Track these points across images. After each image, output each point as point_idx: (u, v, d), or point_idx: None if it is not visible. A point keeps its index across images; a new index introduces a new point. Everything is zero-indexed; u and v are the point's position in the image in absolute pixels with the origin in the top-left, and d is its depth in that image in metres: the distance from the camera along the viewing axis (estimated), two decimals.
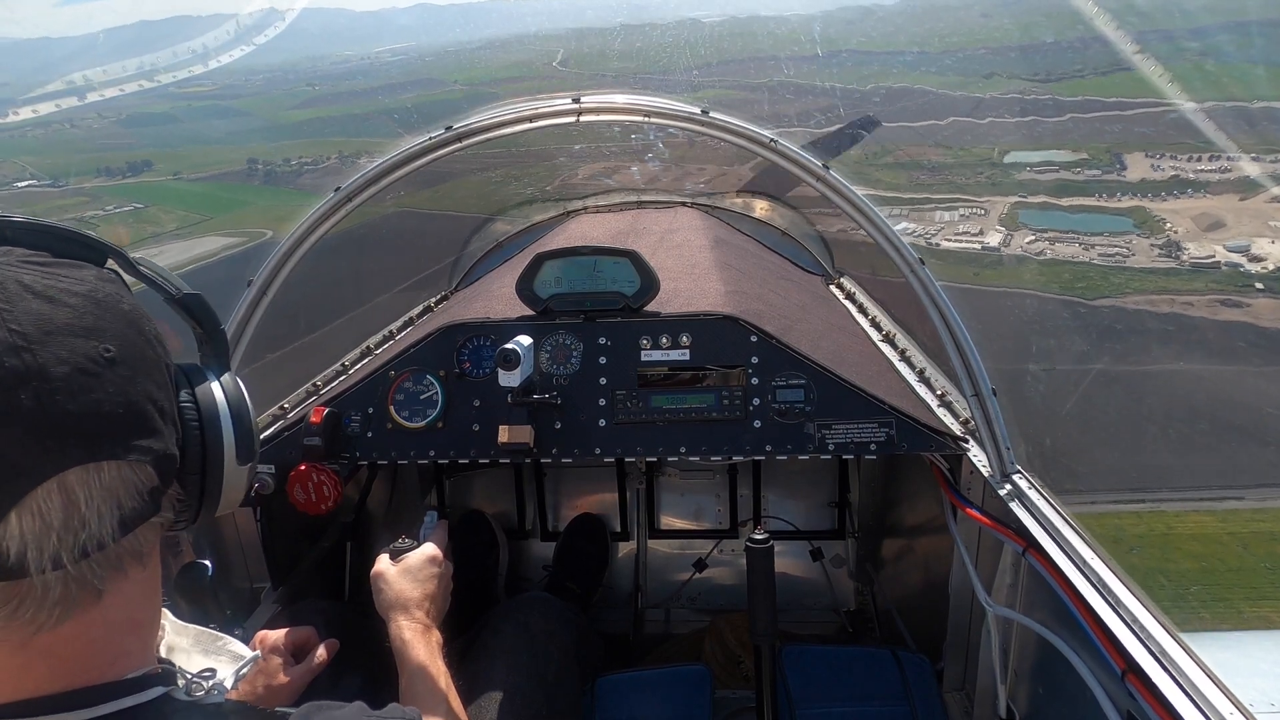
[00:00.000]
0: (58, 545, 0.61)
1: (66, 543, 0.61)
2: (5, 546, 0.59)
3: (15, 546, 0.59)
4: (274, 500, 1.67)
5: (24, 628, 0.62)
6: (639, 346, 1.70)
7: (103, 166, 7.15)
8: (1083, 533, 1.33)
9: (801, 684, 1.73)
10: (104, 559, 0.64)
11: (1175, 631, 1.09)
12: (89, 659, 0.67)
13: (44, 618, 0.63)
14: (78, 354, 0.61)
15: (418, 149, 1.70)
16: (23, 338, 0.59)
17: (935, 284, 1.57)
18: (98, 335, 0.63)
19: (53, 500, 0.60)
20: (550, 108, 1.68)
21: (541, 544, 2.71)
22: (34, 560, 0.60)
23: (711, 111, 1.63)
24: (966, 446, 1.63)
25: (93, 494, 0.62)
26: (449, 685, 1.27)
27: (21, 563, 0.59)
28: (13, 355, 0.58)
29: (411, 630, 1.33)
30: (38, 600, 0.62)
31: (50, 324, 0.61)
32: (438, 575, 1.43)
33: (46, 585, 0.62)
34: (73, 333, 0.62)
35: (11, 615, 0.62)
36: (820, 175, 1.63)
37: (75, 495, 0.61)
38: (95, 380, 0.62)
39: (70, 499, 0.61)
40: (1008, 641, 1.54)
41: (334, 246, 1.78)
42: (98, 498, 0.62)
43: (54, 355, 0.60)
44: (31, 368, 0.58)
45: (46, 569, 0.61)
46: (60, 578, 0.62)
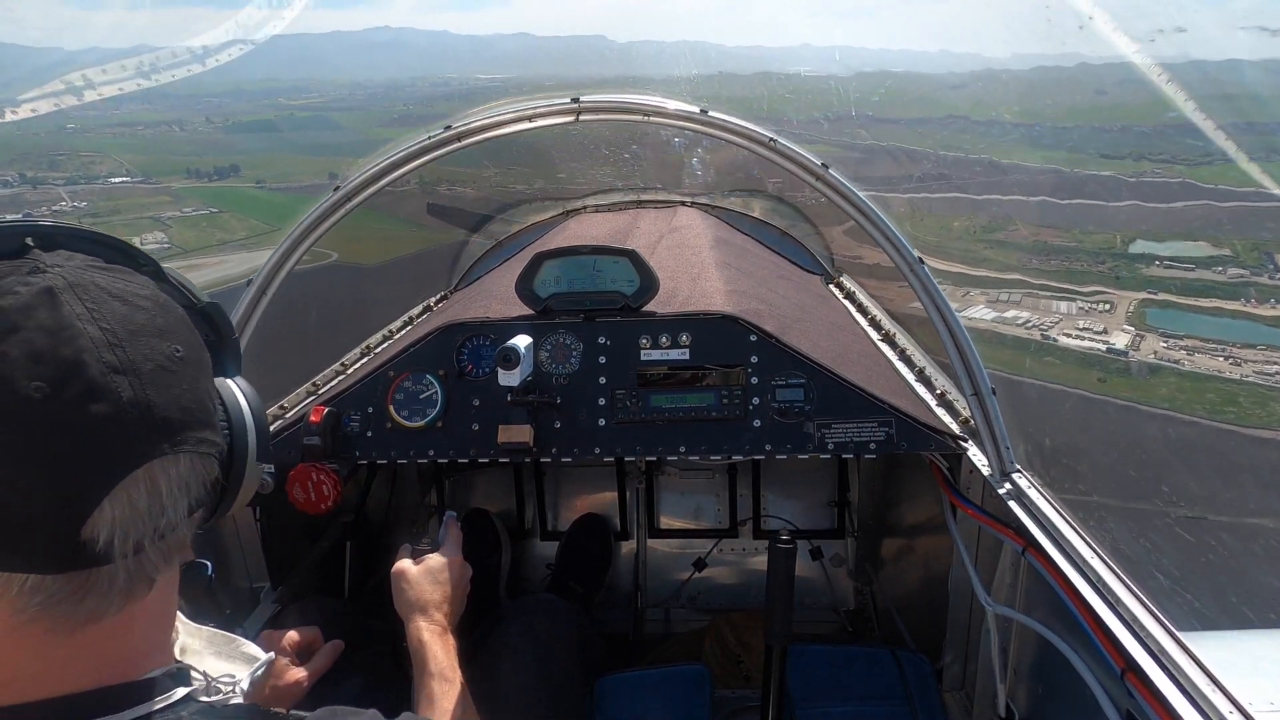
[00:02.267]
0: (141, 531, 0.64)
1: (148, 530, 0.65)
2: (95, 533, 0.61)
3: (105, 534, 0.62)
4: (274, 500, 1.67)
5: (80, 616, 0.64)
6: (639, 346, 1.70)
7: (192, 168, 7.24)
8: (1082, 532, 1.34)
9: (801, 683, 1.73)
10: (161, 550, 0.68)
11: (1174, 631, 1.09)
12: (127, 652, 0.70)
13: (105, 606, 0.65)
14: (158, 352, 0.66)
15: (417, 148, 1.70)
16: (114, 335, 0.63)
17: (934, 283, 1.57)
18: (169, 336, 0.68)
19: (139, 488, 0.64)
20: (549, 107, 1.68)
21: (542, 543, 2.71)
22: (119, 546, 0.63)
23: (710, 111, 1.63)
24: (966, 446, 1.63)
25: (172, 483, 0.66)
26: (465, 688, 1.26)
27: (109, 549, 0.62)
28: (109, 350, 0.62)
29: (430, 632, 1.33)
30: (104, 588, 0.64)
31: (132, 324, 0.65)
32: (457, 578, 1.43)
33: (113, 574, 0.64)
34: (150, 333, 0.66)
35: (78, 604, 0.64)
36: (820, 175, 1.63)
37: (159, 484, 0.65)
38: (174, 377, 0.66)
39: (154, 487, 0.65)
40: (1007, 641, 1.54)
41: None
42: (176, 487, 0.66)
43: (140, 353, 0.64)
44: (125, 362, 0.63)
45: (129, 554, 0.64)
46: (126, 566, 0.64)
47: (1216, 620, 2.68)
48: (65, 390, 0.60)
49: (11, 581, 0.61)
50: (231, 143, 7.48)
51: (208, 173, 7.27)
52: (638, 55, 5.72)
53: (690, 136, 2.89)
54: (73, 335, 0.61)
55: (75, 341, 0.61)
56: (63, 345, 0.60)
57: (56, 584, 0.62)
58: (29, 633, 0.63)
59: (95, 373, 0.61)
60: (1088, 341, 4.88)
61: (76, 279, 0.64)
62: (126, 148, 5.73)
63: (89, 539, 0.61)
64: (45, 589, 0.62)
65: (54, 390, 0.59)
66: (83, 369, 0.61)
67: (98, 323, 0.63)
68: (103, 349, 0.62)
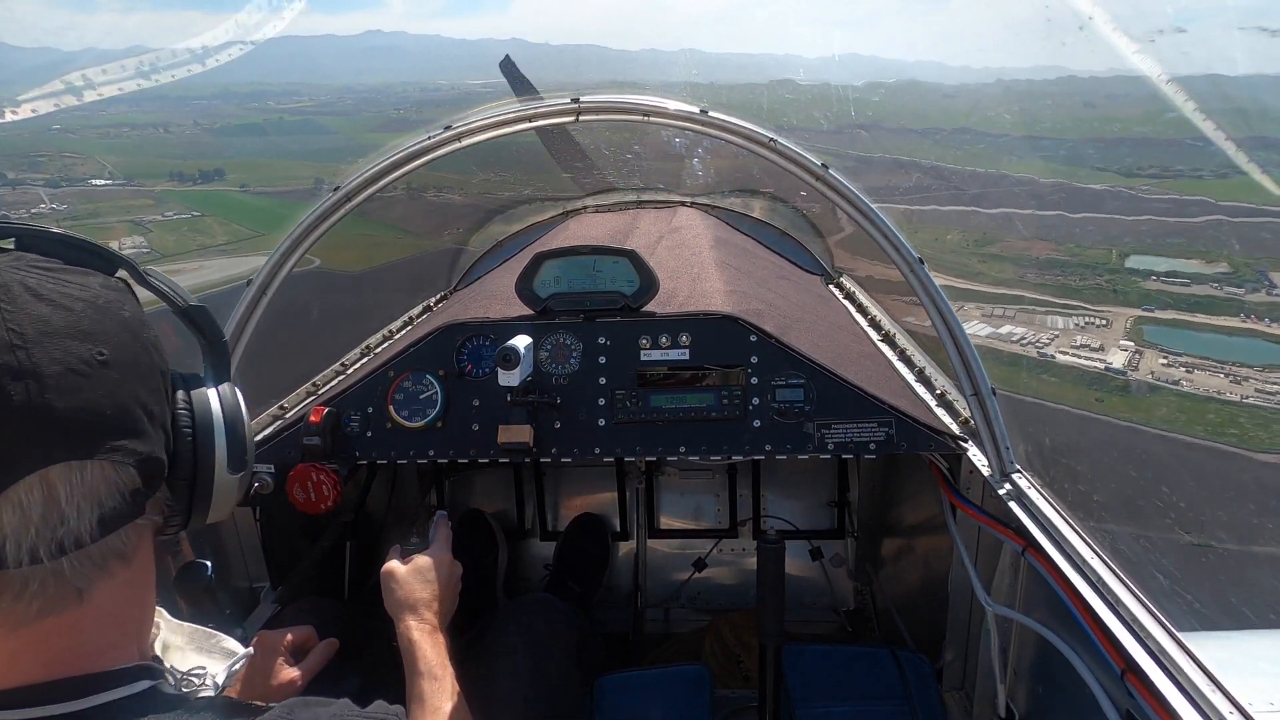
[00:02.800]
0: (35, 539, 0.62)
1: (44, 537, 0.63)
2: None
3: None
4: (273, 500, 1.67)
5: (6, 619, 0.64)
6: (638, 346, 1.70)
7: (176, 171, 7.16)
8: (1082, 532, 1.34)
9: (801, 683, 1.73)
10: (84, 558, 0.66)
11: (1174, 631, 1.09)
12: (75, 651, 0.68)
13: (23, 610, 0.64)
14: (71, 355, 0.64)
15: (417, 148, 1.69)
16: (20, 337, 0.61)
17: (934, 283, 1.57)
18: (93, 339, 0.66)
19: (34, 494, 0.62)
20: (550, 107, 1.68)
21: (541, 543, 2.71)
22: (11, 553, 0.62)
23: (710, 111, 1.63)
24: (966, 446, 1.63)
25: (74, 491, 0.64)
26: (455, 686, 1.27)
27: (0, 554, 0.61)
28: (7, 352, 0.60)
29: (420, 630, 1.33)
30: (16, 592, 0.63)
31: (48, 326, 0.63)
32: (447, 576, 1.44)
33: (25, 579, 0.63)
34: (69, 335, 0.64)
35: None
36: (819, 174, 1.63)
37: (56, 491, 0.63)
38: (85, 381, 0.64)
39: (51, 494, 0.63)
40: (1007, 641, 1.54)
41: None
42: (78, 495, 0.64)
43: (48, 355, 0.62)
44: (25, 365, 0.61)
45: (24, 562, 0.62)
46: (39, 573, 0.63)
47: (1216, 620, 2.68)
48: None
49: None
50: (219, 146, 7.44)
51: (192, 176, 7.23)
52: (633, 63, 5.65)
53: (690, 138, 2.89)
54: None
55: None
56: None
57: None
58: None
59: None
60: (1085, 359, 4.78)
61: (3, 279, 0.63)
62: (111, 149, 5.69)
63: None
64: None
65: None
66: None
67: (6, 324, 0.61)
68: (1, 350, 0.61)
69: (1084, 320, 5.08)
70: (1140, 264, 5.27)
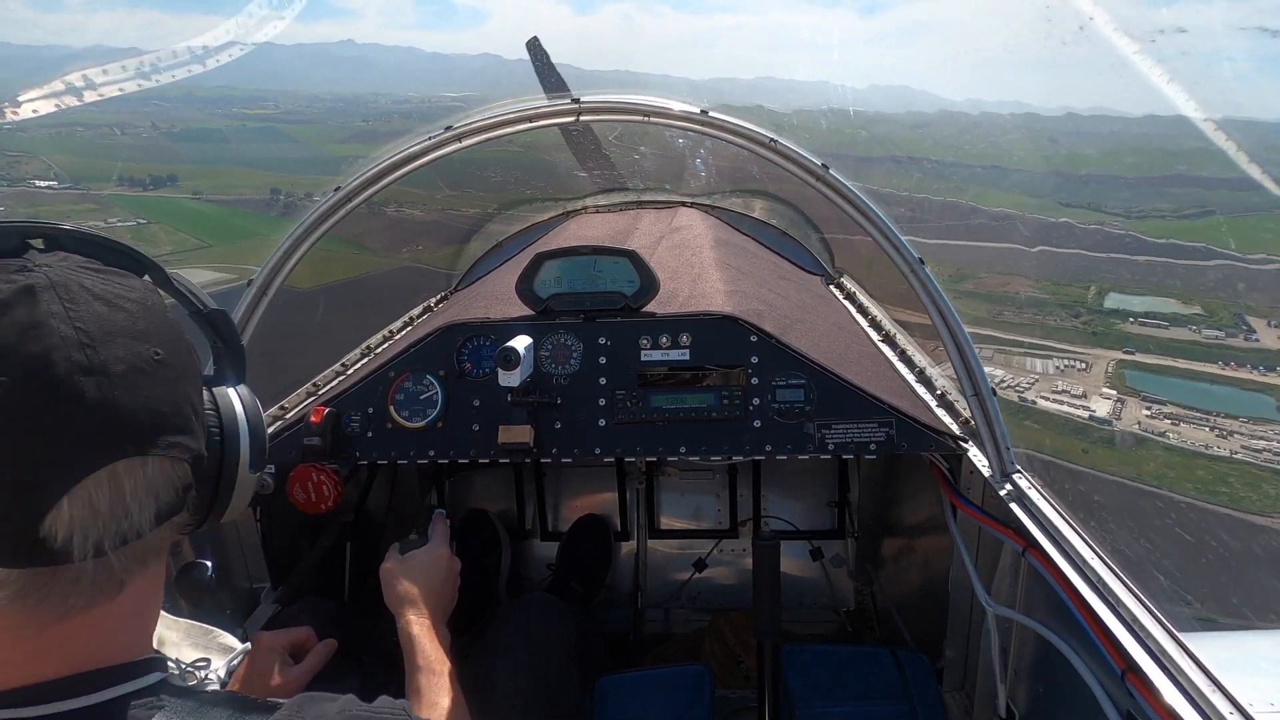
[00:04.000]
0: (101, 533, 0.64)
1: (110, 531, 0.65)
2: (54, 531, 0.62)
3: (63, 532, 0.62)
4: (274, 500, 1.67)
5: (45, 615, 0.65)
6: (639, 346, 1.70)
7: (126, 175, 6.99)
8: (1082, 532, 1.34)
9: (801, 683, 1.73)
10: (131, 552, 0.68)
11: (1175, 631, 1.09)
12: (98, 648, 0.70)
13: (69, 604, 0.65)
14: (133, 354, 0.66)
15: (418, 148, 1.70)
16: (88, 335, 0.63)
17: (935, 284, 1.57)
18: (149, 339, 0.68)
19: (102, 489, 0.64)
20: (550, 107, 1.68)
21: (542, 544, 2.71)
22: (79, 546, 0.63)
23: (711, 112, 1.63)
24: (966, 446, 1.63)
25: (138, 486, 0.66)
26: (454, 681, 1.27)
27: (67, 548, 0.62)
28: (79, 351, 0.62)
29: (419, 625, 1.34)
30: (66, 588, 0.64)
31: (110, 325, 0.65)
32: (446, 572, 1.45)
33: (80, 573, 0.64)
34: (129, 335, 0.66)
35: (40, 602, 0.64)
36: (820, 175, 1.63)
37: (123, 485, 0.65)
38: (147, 379, 0.66)
39: (118, 489, 0.65)
40: (1007, 641, 1.54)
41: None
42: (141, 489, 0.66)
43: (113, 354, 0.64)
44: (95, 363, 0.63)
45: (89, 555, 0.64)
46: (91, 567, 0.65)
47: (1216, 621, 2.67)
48: (28, 386, 0.60)
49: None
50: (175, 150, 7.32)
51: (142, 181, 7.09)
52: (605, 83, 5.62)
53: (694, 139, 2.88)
54: (43, 333, 0.62)
55: (44, 339, 0.62)
56: (31, 342, 0.61)
57: (21, 579, 0.63)
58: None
59: (61, 371, 0.61)
60: (1068, 406, 4.64)
61: (61, 279, 0.65)
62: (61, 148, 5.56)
63: (47, 536, 0.61)
64: (11, 583, 0.62)
65: (16, 386, 0.60)
66: (49, 367, 0.61)
67: (73, 322, 0.63)
68: (72, 348, 0.62)
69: (1064, 363, 4.94)
70: (1119, 303, 5.15)
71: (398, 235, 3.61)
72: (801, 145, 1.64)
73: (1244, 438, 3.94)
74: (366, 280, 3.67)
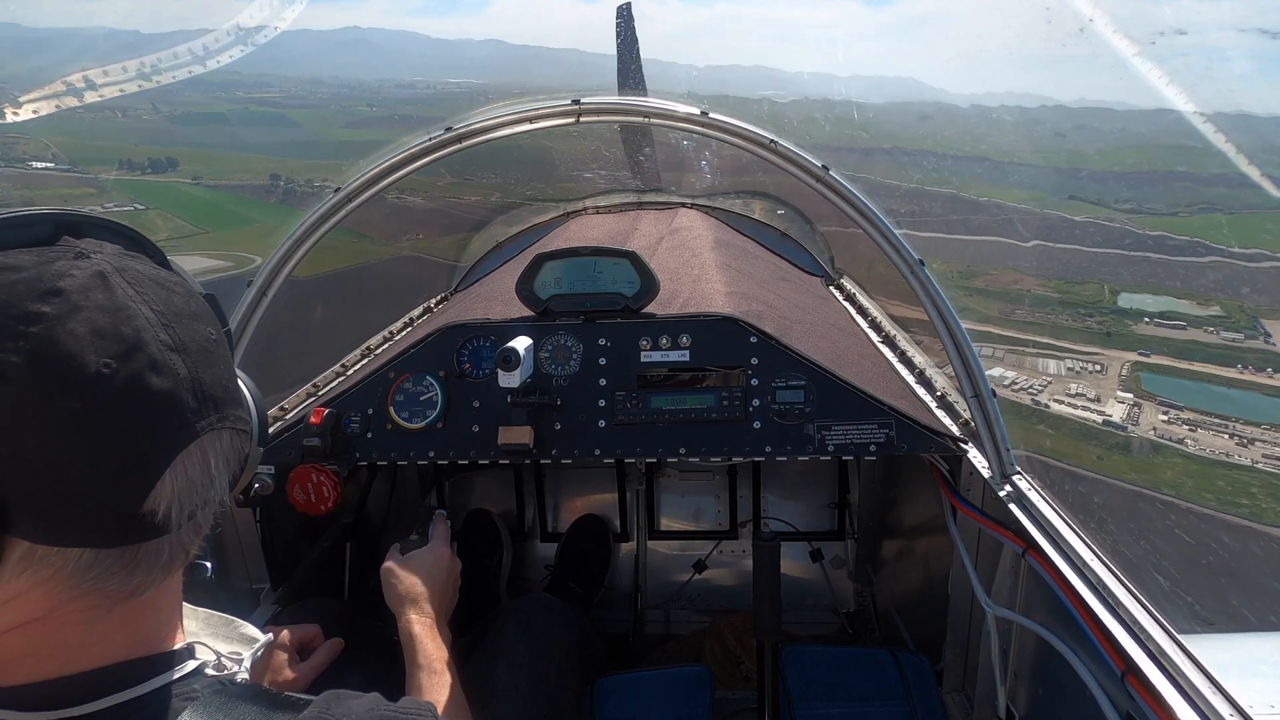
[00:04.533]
0: (195, 503, 0.66)
1: (199, 501, 0.67)
2: (156, 504, 0.63)
3: (164, 505, 0.63)
4: (274, 500, 1.67)
5: (126, 590, 0.65)
6: (639, 347, 1.70)
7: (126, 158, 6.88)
8: (1082, 534, 1.34)
9: (801, 684, 1.73)
10: (201, 521, 0.70)
11: (1174, 633, 1.09)
12: (157, 626, 0.72)
13: (150, 580, 0.66)
14: (198, 334, 0.68)
15: (418, 149, 1.70)
16: (165, 316, 0.65)
17: (935, 285, 1.57)
18: (202, 320, 0.71)
19: (194, 461, 0.66)
20: (550, 108, 1.68)
21: (542, 544, 2.71)
22: (175, 518, 0.65)
23: (711, 113, 1.63)
24: (966, 447, 1.63)
25: (219, 457, 0.69)
26: (454, 680, 1.28)
27: (166, 521, 0.64)
28: (164, 330, 0.64)
29: (421, 625, 1.35)
30: (151, 561, 0.66)
31: (175, 307, 0.67)
32: (447, 572, 1.45)
33: (160, 547, 0.66)
34: (190, 316, 0.69)
35: (127, 578, 0.65)
36: (820, 176, 1.63)
37: (209, 457, 0.68)
38: (214, 357, 0.69)
39: (205, 460, 0.67)
40: (1007, 642, 1.54)
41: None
42: (220, 460, 0.69)
43: (187, 333, 0.67)
44: (177, 342, 0.65)
45: (183, 524, 0.66)
46: (172, 539, 0.66)
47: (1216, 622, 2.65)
48: (130, 366, 0.61)
49: (67, 559, 0.61)
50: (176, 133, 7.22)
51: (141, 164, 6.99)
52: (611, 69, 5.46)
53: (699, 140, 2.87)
54: (130, 315, 0.63)
55: (134, 321, 0.63)
56: (123, 324, 0.62)
57: (110, 558, 0.63)
58: (73, 609, 0.64)
59: (155, 350, 0.63)
60: (1082, 410, 4.38)
61: (119, 265, 0.66)
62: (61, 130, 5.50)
63: (149, 511, 0.63)
64: (99, 564, 0.63)
65: (120, 366, 0.61)
66: (144, 346, 0.63)
67: (149, 304, 0.65)
68: (158, 328, 0.64)
69: (1077, 365, 4.73)
70: (1132, 303, 4.97)
71: (398, 223, 3.55)
72: (802, 146, 1.64)
73: (1267, 445, 3.78)
74: (367, 269, 3.62)
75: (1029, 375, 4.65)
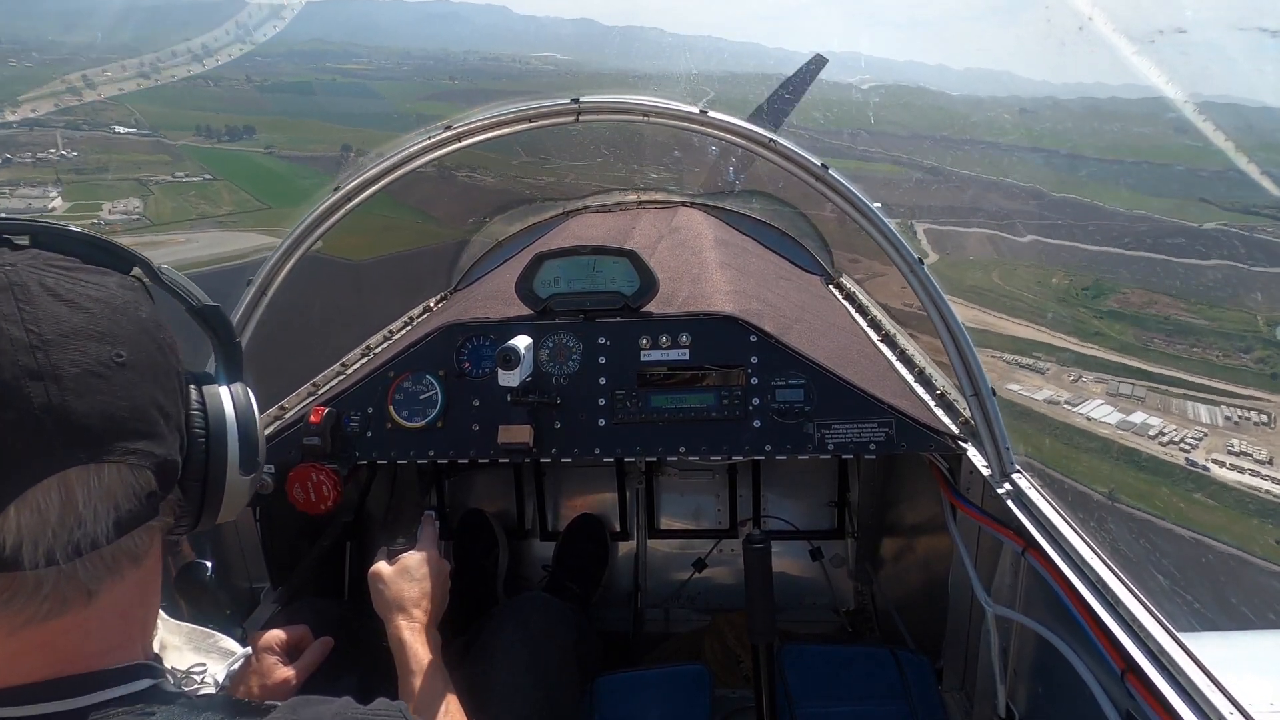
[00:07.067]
0: (52, 542, 0.62)
1: (61, 540, 0.62)
2: (2, 540, 0.60)
3: (11, 540, 0.60)
4: (273, 500, 1.67)
5: (15, 618, 0.64)
6: (638, 346, 1.70)
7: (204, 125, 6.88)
8: (1082, 532, 1.34)
9: (801, 683, 1.73)
10: (98, 560, 0.66)
11: (1174, 631, 1.09)
12: (80, 650, 0.68)
13: (33, 610, 0.64)
14: (89, 357, 0.63)
15: (417, 149, 1.70)
16: (39, 338, 0.61)
17: (934, 284, 1.57)
18: (111, 340, 0.65)
19: (51, 497, 0.61)
20: (550, 107, 1.68)
21: (541, 544, 2.71)
22: (28, 555, 0.61)
23: (710, 111, 1.63)
24: (966, 446, 1.63)
25: (91, 494, 0.63)
26: (447, 684, 1.27)
27: (16, 556, 0.61)
28: (28, 354, 0.60)
29: (410, 630, 1.34)
30: (29, 593, 0.63)
31: (66, 326, 0.63)
32: (435, 575, 1.44)
33: (39, 580, 0.63)
34: (87, 336, 0.64)
35: (5, 604, 0.63)
36: (819, 175, 1.63)
37: (74, 494, 0.63)
38: (104, 383, 0.64)
39: (69, 497, 0.62)
40: (1007, 641, 1.54)
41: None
42: (95, 498, 0.64)
43: (67, 357, 0.62)
44: (45, 367, 0.61)
45: (40, 564, 0.62)
46: (52, 574, 0.63)
47: (1216, 620, 2.64)
48: None
49: None
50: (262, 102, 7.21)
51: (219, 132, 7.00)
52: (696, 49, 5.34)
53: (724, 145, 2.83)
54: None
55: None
56: None
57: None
58: None
59: (7, 376, 0.59)
60: (1249, 477, 3.40)
61: (19, 279, 0.63)
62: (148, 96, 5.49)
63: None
64: None
65: None
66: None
67: (24, 325, 0.61)
68: (21, 352, 0.60)
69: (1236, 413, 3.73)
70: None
71: (466, 203, 3.36)
72: (800, 145, 1.64)
73: None
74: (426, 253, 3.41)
75: (1177, 423, 3.75)
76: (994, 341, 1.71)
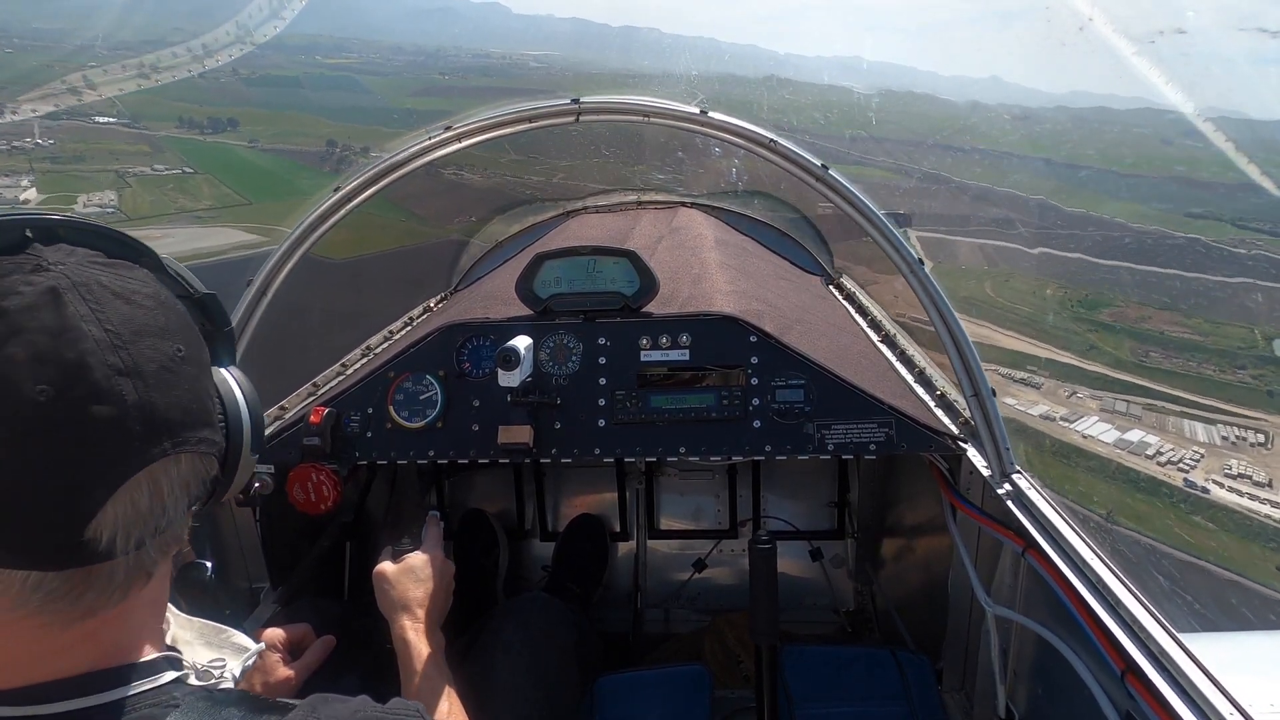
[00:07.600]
0: (143, 531, 0.65)
1: (150, 528, 0.66)
2: (98, 534, 0.62)
3: (108, 533, 0.63)
4: (273, 500, 1.67)
5: (77, 611, 0.65)
6: (638, 346, 1.70)
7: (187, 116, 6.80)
8: (1082, 533, 1.34)
9: (801, 684, 1.73)
10: (159, 544, 0.69)
11: (1174, 632, 1.09)
12: (122, 640, 0.70)
13: (103, 601, 0.66)
14: (160, 353, 0.66)
15: (417, 149, 1.70)
16: (118, 337, 0.63)
17: (934, 284, 1.57)
18: (171, 335, 0.68)
19: (142, 489, 0.64)
20: (550, 108, 1.68)
21: (541, 544, 2.71)
22: (121, 545, 0.64)
23: (710, 112, 1.63)
24: (966, 446, 1.63)
25: (173, 483, 0.67)
26: (450, 685, 1.27)
27: (111, 548, 0.63)
28: (113, 352, 0.62)
29: (414, 630, 1.34)
30: (103, 584, 0.65)
31: (135, 324, 0.65)
32: (440, 575, 1.44)
33: (113, 570, 0.65)
34: (153, 333, 0.66)
35: (76, 600, 0.64)
36: (820, 176, 1.63)
37: (160, 485, 0.66)
38: (175, 377, 0.67)
39: (156, 487, 0.66)
40: (1007, 641, 1.54)
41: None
42: (177, 486, 0.68)
43: (144, 354, 0.64)
44: (129, 365, 0.63)
45: (130, 552, 0.65)
46: (125, 562, 0.65)
47: (1216, 621, 2.64)
48: (70, 393, 0.60)
49: (13, 578, 0.61)
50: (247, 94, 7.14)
51: (200, 124, 6.94)
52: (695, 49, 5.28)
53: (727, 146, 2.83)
54: (76, 337, 0.61)
55: (79, 344, 0.61)
56: (66, 348, 0.60)
57: (56, 581, 0.62)
58: (26, 625, 0.64)
59: (99, 375, 0.61)
60: (1248, 500, 3.29)
61: (80, 278, 0.64)
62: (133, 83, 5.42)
63: (92, 539, 0.62)
64: (45, 586, 0.62)
65: (58, 393, 0.59)
66: (87, 371, 0.61)
67: (102, 324, 0.62)
68: (107, 351, 0.62)
69: (1234, 433, 3.63)
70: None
71: (451, 202, 3.32)
72: (801, 145, 1.64)
73: None
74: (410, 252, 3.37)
75: (1175, 442, 3.64)
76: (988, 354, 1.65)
